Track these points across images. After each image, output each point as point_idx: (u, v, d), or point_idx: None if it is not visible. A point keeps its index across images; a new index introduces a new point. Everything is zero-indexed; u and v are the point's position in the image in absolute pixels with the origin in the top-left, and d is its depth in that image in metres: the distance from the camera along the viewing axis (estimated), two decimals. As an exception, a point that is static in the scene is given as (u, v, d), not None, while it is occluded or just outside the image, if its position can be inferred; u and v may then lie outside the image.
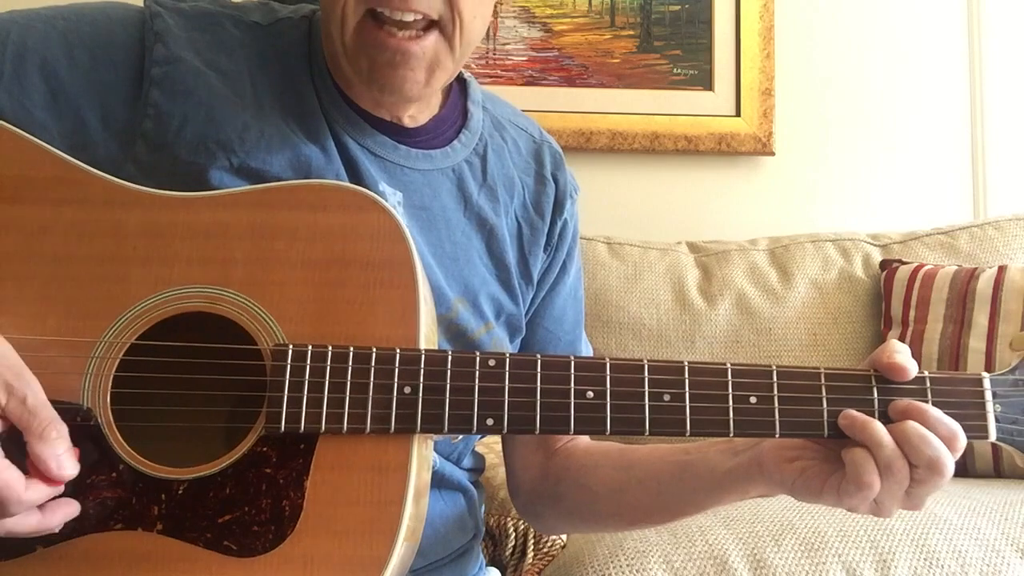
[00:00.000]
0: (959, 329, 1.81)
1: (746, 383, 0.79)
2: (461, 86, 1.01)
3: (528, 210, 1.01)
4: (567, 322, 1.07)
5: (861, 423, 0.76)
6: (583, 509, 1.03)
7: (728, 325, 1.96)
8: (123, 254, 0.80)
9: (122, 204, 0.81)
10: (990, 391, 0.79)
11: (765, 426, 0.78)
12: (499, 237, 0.98)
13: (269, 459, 0.76)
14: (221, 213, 0.81)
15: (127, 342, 0.77)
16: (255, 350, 0.78)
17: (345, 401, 0.76)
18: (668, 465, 0.93)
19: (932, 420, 0.75)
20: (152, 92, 0.85)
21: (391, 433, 0.76)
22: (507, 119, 1.05)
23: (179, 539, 0.74)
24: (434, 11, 0.83)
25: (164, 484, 0.75)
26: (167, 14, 0.88)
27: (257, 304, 0.79)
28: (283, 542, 0.74)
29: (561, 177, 1.05)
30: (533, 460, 1.05)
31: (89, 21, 0.88)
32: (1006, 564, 1.26)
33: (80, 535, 0.74)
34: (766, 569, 1.24)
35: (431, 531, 0.93)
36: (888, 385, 0.78)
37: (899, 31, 2.35)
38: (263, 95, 0.89)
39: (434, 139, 0.96)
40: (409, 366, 0.77)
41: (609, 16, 2.28)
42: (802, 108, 2.31)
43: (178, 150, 0.84)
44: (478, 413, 0.77)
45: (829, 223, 2.21)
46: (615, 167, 2.26)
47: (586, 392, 0.78)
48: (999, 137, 2.33)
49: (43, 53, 0.85)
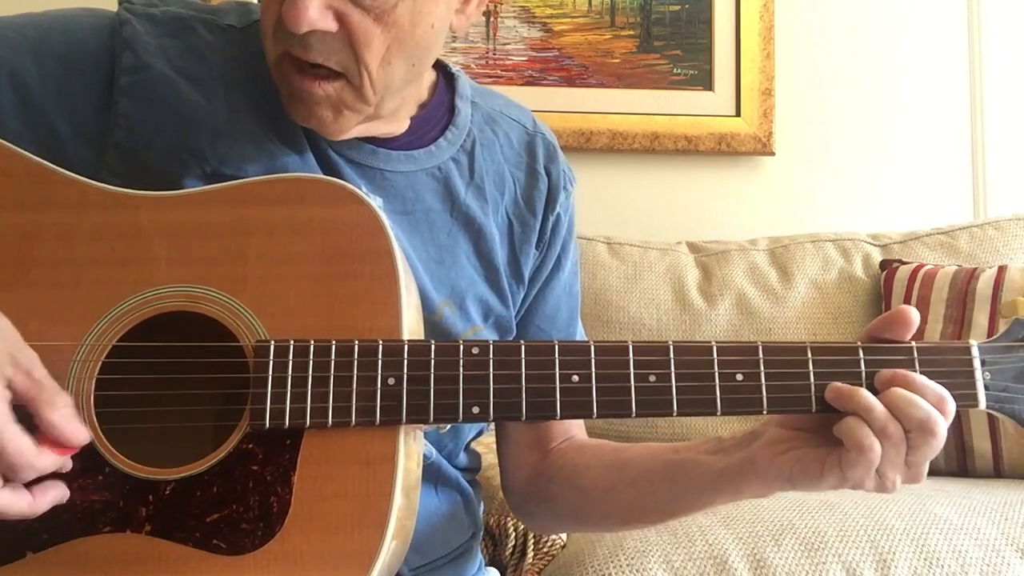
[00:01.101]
0: (959, 329, 1.81)
1: (732, 360, 0.78)
2: (448, 81, 0.99)
3: (520, 206, 1.00)
4: (560, 320, 1.05)
5: (848, 392, 0.76)
6: (575, 510, 1.02)
7: (728, 325, 1.96)
8: (102, 256, 0.79)
9: (98, 206, 0.81)
10: (978, 359, 0.78)
11: (752, 403, 0.78)
12: (487, 237, 0.96)
13: (255, 456, 0.76)
14: (199, 211, 0.81)
15: (109, 344, 0.77)
16: (237, 347, 0.77)
17: (329, 395, 0.76)
18: (660, 465, 0.92)
19: (918, 385, 0.75)
20: (121, 101, 0.84)
21: (377, 425, 0.76)
22: (499, 111, 1.03)
23: (168, 539, 0.74)
24: (334, 63, 0.81)
25: (151, 485, 0.75)
26: (136, 21, 0.87)
27: (238, 301, 0.78)
28: (272, 539, 0.74)
29: (554, 170, 1.02)
30: (527, 460, 1.04)
31: (61, 30, 0.87)
32: (1006, 564, 1.26)
33: (69, 539, 0.74)
34: (766, 569, 1.24)
35: (428, 528, 0.92)
36: (875, 357, 0.78)
37: (899, 31, 2.35)
38: (237, 101, 0.87)
39: (417, 139, 0.94)
40: (392, 357, 0.76)
41: (609, 16, 2.29)
42: (802, 108, 2.31)
43: (151, 160, 0.84)
44: (463, 402, 0.76)
45: (829, 223, 2.21)
46: (615, 167, 2.26)
47: (571, 376, 0.77)
48: (999, 137, 2.33)
49: (13, 64, 0.84)
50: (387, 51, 0.82)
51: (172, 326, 0.78)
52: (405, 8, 0.81)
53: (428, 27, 0.84)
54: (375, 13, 0.80)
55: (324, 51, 0.80)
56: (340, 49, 0.81)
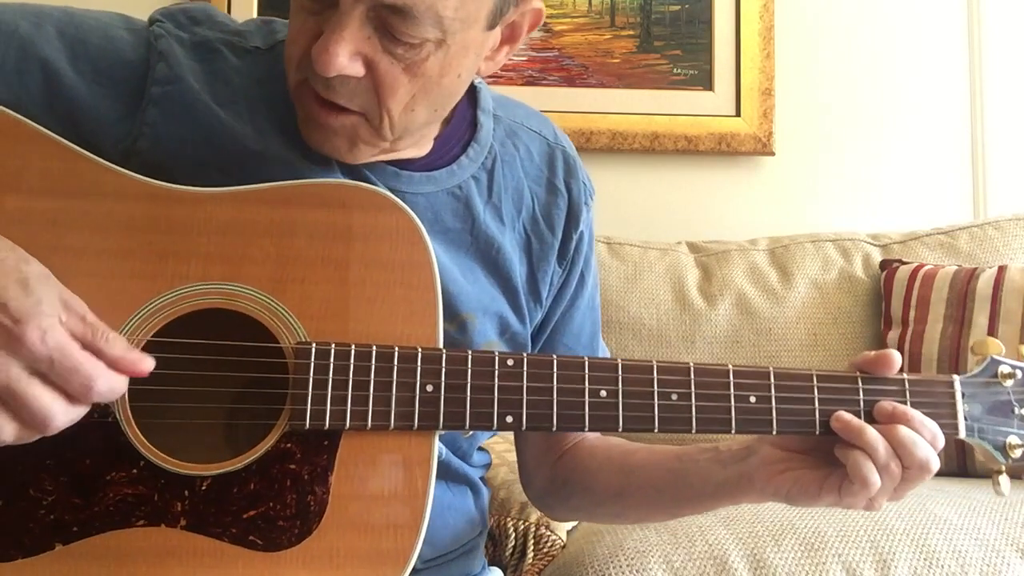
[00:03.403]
0: (959, 329, 1.81)
1: (746, 383, 0.83)
2: (470, 96, 0.98)
3: (538, 223, 0.99)
4: (585, 336, 1.07)
5: (856, 428, 0.82)
6: (589, 508, 1.08)
7: (728, 325, 1.96)
8: (137, 248, 0.79)
9: (134, 197, 0.80)
10: (959, 392, 0.86)
11: (763, 424, 0.83)
12: (505, 255, 0.96)
13: (293, 455, 0.77)
14: (239, 209, 0.81)
15: (144, 339, 0.77)
16: (276, 348, 0.78)
17: (369, 399, 0.78)
18: (664, 472, 0.96)
19: (917, 423, 0.82)
20: (150, 110, 0.85)
21: (414, 430, 0.78)
22: (520, 123, 1.02)
23: (204, 534, 0.75)
24: (355, 106, 0.81)
25: (187, 480, 0.76)
26: (170, 38, 0.88)
27: (278, 302, 0.79)
28: (309, 536, 0.76)
29: (575, 186, 1.02)
30: (545, 460, 1.08)
31: (100, 34, 0.87)
32: (1006, 564, 1.26)
33: (100, 532, 0.74)
34: (766, 569, 1.24)
35: (441, 522, 0.94)
36: (872, 386, 0.85)
37: (899, 31, 2.35)
38: (263, 122, 0.87)
39: (439, 159, 0.94)
40: (431, 365, 0.79)
41: (609, 16, 2.28)
42: (802, 108, 2.31)
43: (175, 172, 0.83)
44: (498, 411, 0.80)
45: (829, 223, 2.21)
46: (615, 167, 2.26)
47: (600, 391, 0.81)
48: (999, 137, 2.33)
49: (48, 53, 0.84)
50: (411, 99, 0.82)
51: (201, 322, 0.78)
52: (436, 61, 0.80)
53: (455, 77, 0.84)
54: (405, 63, 0.80)
55: (347, 94, 0.80)
56: (363, 93, 0.81)
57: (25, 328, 0.66)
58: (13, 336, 0.66)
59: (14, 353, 0.66)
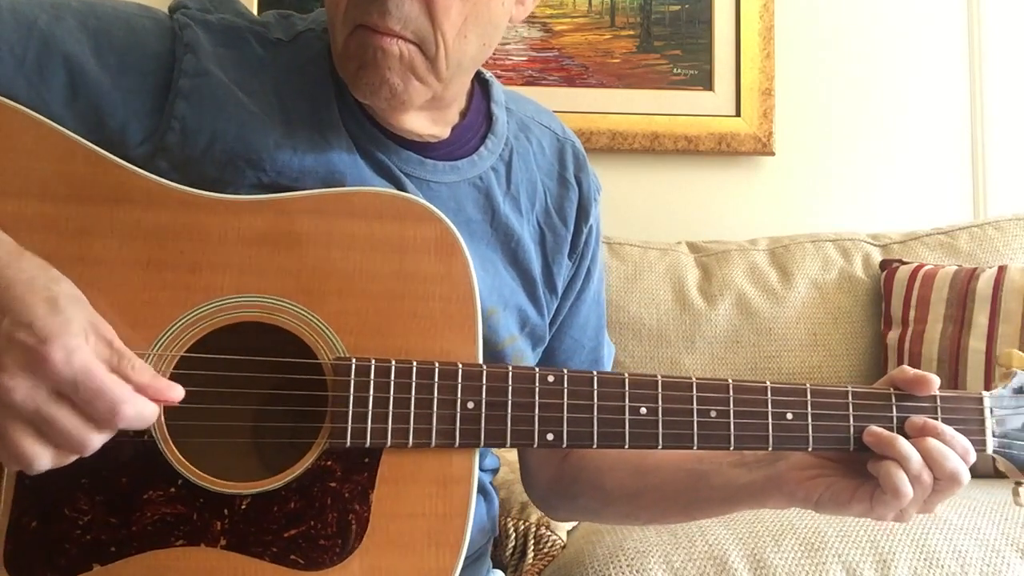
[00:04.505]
0: (959, 329, 1.81)
1: (783, 400, 0.83)
2: (483, 89, 0.98)
3: (551, 216, 1.00)
4: (591, 328, 1.07)
5: (888, 439, 0.82)
6: (597, 507, 1.05)
7: (728, 325, 1.96)
8: (169, 259, 0.76)
9: (163, 205, 0.77)
10: (988, 408, 0.87)
11: (799, 441, 0.84)
12: (524, 247, 0.96)
13: (334, 473, 0.76)
14: (273, 219, 0.78)
15: (177, 355, 0.74)
16: (316, 364, 0.76)
17: (410, 416, 0.76)
18: (683, 474, 0.95)
19: (948, 437, 0.83)
20: (178, 104, 0.82)
21: (455, 447, 0.77)
22: (531, 117, 1.03)
23: (244, 554, 0.74)
24: (411, 32, 0.80)
25: (227, 499, 0.74)
26: (196, 26, 0.86)
27: (317, 316, 0.77)
28: (351, 555, 0.75)
29: (585, 180, 1.03)
30: (550, 458, 1.06)
31: (123, 26, 0.84)
32: (1006, 564, 1.26)
33: (139, 552, 0.73)
34: (766, 569, 1.24)
35: None
36: (905, 403, 0.85)
37: (899, 31, 2.34)
38: (291, 113, 0.86)
39: (459, 149, 0.94)
40: (471, 382, 0.78)
41: (609, 16, 2.28)
42: (802, 108, 2.30)
43: (205, 166, 0.81)
44: (539, 428, 0.79)
45: (829, 223, 2.21)
46: (615, 167, 2.26)
47: (640, 408, 0.81)
48: (999, 137, 2.33)
49: (70, 47, 0.81)
50: (464, 23, 0.82)
51: (232, 335, 0.76)
52: None
53: (500, 4, 0.85)
54: None
55: (402, 19, 0.80)
56: (418, 17, 0.80)
57: (50, 348, 0.64)
58: (38, 356, 0.63)
59: (38, 374, 0.64)
